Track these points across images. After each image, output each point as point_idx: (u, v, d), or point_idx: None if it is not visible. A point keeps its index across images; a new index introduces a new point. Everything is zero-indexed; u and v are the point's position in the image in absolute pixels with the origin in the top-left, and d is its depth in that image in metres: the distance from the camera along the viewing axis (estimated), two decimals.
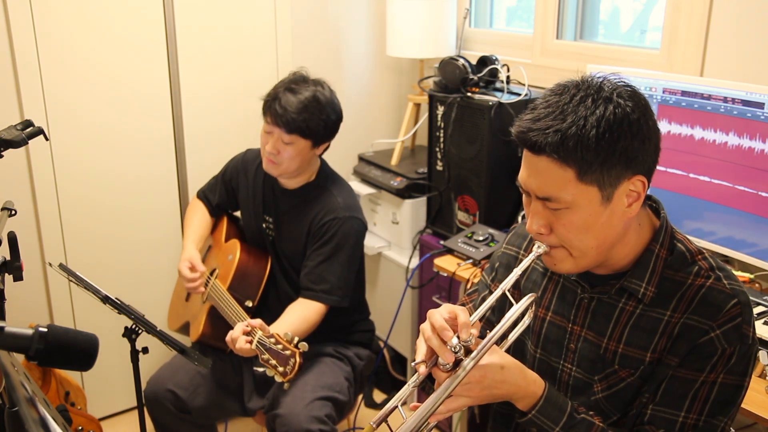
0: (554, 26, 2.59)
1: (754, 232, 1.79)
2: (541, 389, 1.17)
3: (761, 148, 1.75)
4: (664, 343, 1.16)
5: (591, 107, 1.07)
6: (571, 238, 1.14)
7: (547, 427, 1.16)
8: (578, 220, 1.12)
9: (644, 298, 1.19)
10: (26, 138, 1.59)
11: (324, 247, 2.08)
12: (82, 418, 2.25)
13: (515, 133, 1.13)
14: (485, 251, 2.25)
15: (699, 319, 1.14)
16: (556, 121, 1.07)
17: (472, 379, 1.11)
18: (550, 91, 1.13)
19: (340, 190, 2.16)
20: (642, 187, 1.13)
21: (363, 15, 3.04)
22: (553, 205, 1.12)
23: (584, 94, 1.09)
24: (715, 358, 1.12)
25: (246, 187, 2.27)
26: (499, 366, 1.14)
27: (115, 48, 2.48)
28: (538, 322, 1.33)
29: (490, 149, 2.35)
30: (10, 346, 1.02)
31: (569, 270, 1.20)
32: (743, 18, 1.97)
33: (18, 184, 2.44)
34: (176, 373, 2.12)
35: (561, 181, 1.09)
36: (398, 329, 2.78)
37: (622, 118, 1.07)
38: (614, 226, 1.15)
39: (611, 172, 1.09)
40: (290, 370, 1.67)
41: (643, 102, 1.12)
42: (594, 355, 1.24)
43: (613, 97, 1.09)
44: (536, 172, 1.12)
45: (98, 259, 2.63)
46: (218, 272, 2.22)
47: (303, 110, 2.00)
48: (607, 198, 1.11)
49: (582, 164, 1.07)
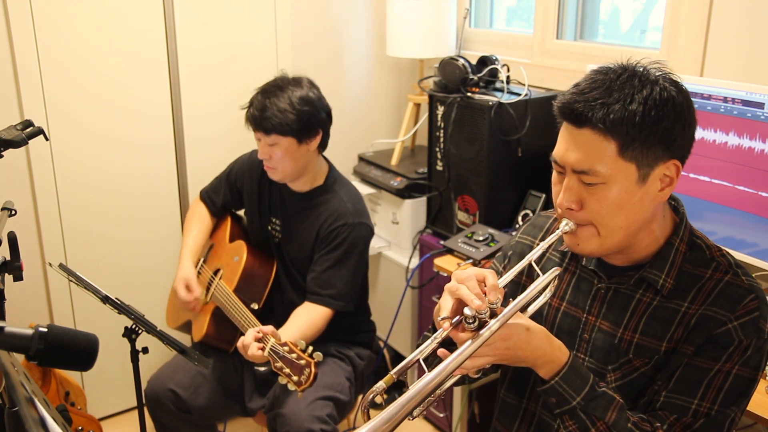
0: (554, 26, 2.59)
1: (754, 232, 1.79)
2: (566, 356, 1.16)
3: (761, 148, 1.75)
4: (680, 333, 1.18)
5: (638, 86, 1.10)
6: (603, 214, 1.15)
7: (569, 396, 1.15)
8: (613, 196, 1.13)
9: (663, 289, 1.20)
10: (26, 138, 1.59)
11: (333, 252, 2.07)
12: (82, 418, 2.24)
13: (558, 106, 1.15)
14: (485, 251, 2.25)
15: (717, 311, 1.15)
16: (603, 95, 1.10)
17: (497, 338, 1.10)
18: (594, 72, 1.16)
19: (350, 195, 2.15)
20: (676, 172, 1.15)
21: (363, 15, 3.05)
22: (589, 179, 1.13)
23: (631, 74, 1.12)
24: (731, 348, 1.14)
25: (251, 188, 2.26)
26: (524, 327, 1.14)
27: (115, 48, 2.48)
28: (552, 311, 1.33)
29: (490, 149, 2.35)
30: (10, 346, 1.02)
31: (592, 251, 1.20)
32: (743, 18, 1.97)
33: (18, 184, 2.44)
34: (177, 372, 2.12)
35: (602, 154, 1.11)
36: (398, 329, 2.78)
37: (668, 99, 1.10)
38: (645, 209, 1.16)
39: (650, 152, 1.11)
40: (305, 380, 1.66)
41: (685, 90, 1.15)
42: (608, 345, 1.25)
43: (659, 80, 1.12)
44: (577, 145, 1.13)
45: (98, 259, 2.63)
46: (223, 273, 2.21)
47: (275, 110, 2.00)
48: (643, 178, 1.13)
49: (625, 138, 1.09)
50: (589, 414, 1.15)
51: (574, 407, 1.15)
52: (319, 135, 2.08)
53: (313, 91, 2.08)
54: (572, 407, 1.15)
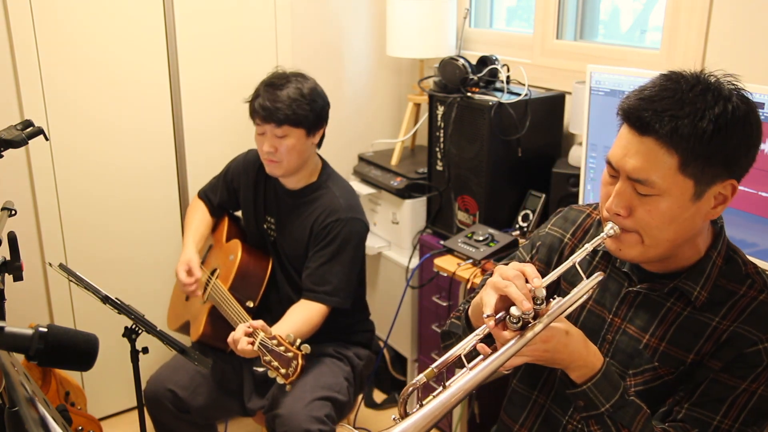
0: (554, 26, 2.59)
1: (754, 232, 1.79)
2: (600, 362, 1.16)
3: (761, 148, 1.74)
4: (709, 347, 1.17)
5: (711, 102, 1.07)
6: (652, 226, 1.13)
7: (598, 402, 1.15)
8: (664, 210, 1.11)
9: (696, 301, 1.19)
10: (26, 138, 1.59)
11: (326, 248, 2.07)
12: (82, 418, 2.25)
13: (624, 108, 1.12)
14: (485, 251, 2.25)
15: (749, 329, 1.14)
16: (675, 107, 1.07)
17: (537, 339, 1.10)
18: (663, 77, 1.12)
19: (343, 191, 2.15)
20: (732, 191, 1.14)
21: (363, 15, 3.04)
22: (644, 189, 1.11)
23: (704, 88, 1.09)
24: (760, 369, 1.13)
25: (247, 188, 2.26)
26: (564, 331, 1.14)
27: (114, 44, 2.48)
28: (577, 309, 1.31)
29: (490, 149, 2.35)
30: (10, 346, 1.02)
31: (634, 257, 1.19)
32: (743, 18, 1.97)
33: (18, 184, 2.44)
34: (176, 372, 2.13)
35: (662, 167, 1.08)
36: (398, 329, 2.78)
37: (738, 120, 1.08)
38: (695, 225, 1.15)
39: (711, 170, 1.09)
40: (292, 372, 1.67)
41: (754, 108, 1.12)
42: (632, 349, 1.24)
43: (733, 98, 1.09)
44: (637, 153, 1.10)
45: (98, 257, 2.63)
46: (219, 272, 2.22)
47: (288, 100, 2.00)
48: (699, 195, 1.11)
49: (689, 155, 1.07)
50: (615, 421, 1.15)
51: (602, 413, 1.15)
52: (323, 129, 2.10)
53: (318, 86, 2.10)
54: (600, 413, 1.15)
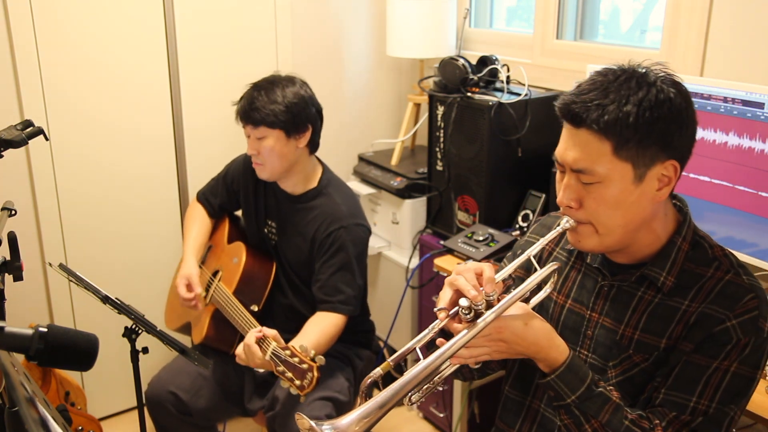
0: (554, 26, 2.59)
1: (754, 232, 1.79)
2: (564, 356, 1.19)
3: (761, 148, 1.75)
4: (679, 331, 1.19)
5: (634, 88, 1.12)
6: (600, 213, 1.18)
7: (564, 393, 1.19)
8: (609, 196, 1.16)
9: (663, 287, 1.22)
10: (26, 138, 1.59)
11: (333, 258, 2.07)
12: (82, 418, 2.25)
13: (558, 106, 1.18)
14: (485, 251, 2.25)
15: (716, 309, 1.16)
16: (599, 96, 1.13)
17: (491, 331, 1.15)
18: (595, 73, 1.19)
19: (344, 197, 2.14)
20: (674, 172, 1.17)
21: (363, 15, 3.04)
22: (587, 178, 1.16)
23: (629, 76, 1.15)
24: (730, 346, 1.15)
25: (247, 191, 2.26)
26: (521, 323, 1.17)
27: (115, 46, 2.48)
28: (558, 309, 1.35)
29: (490, 149, 2.35)
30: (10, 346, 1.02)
31: (593, 248, 1.23)
32: (743, 18, 1.97)
33: (18, 184, 2.44)
34: (178, 375, 2.12)
35: (597, 154, 1.13)
36: (398, 329, 2.78)
37: (663, 101, 1.12)
38: (643, 208, 1.18)
39: (646, 152, 1.13)
40: (308, 384, 1.65)
41: (684, 91, 1.16)
42: (610, 341, 1.27)
43: (657, 82, 1.14)
44: (574, 145, 1.16)
45: (98, 258, 2.63)
46: (222, 274, 2.21)
47: (265, 102, 2.00)
48: (640, 177, 1.15)
49: (619, 139, 1.12)
50: (583, 412, 1.18)
51: (569, 404, 1.19)
52: (309, 131, 2.07)
53: (305, 89, 2.08)
54: (567, 404, 1.19)
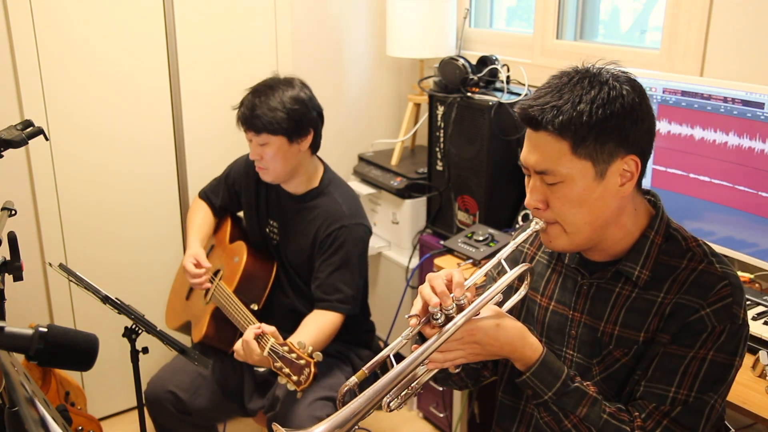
0: (554, 26, 2.59)
1: (754, 232, 1.79)
2: (537, 354, 1.22)
3: (761, 148, 1.75)
4: (656, 323, 1.21)
5: (587, 87, 1.15)
6: (565, 212, 1.20)
7: (540, 390, 1.21)
8: (572, 194, 1.18)
9: (638, 281, 1.23)
10: (26, 138, 1.59)
11: (333, 256, 2.07)
12: (82, 418, 2.25)
13: (518, 112, 1.21)
14: (485, 251, 2.25)
15: (690, 299, 1.18)
16: (554, 99, 1.16)
17: (464, 334, 1.18)
18: (552, 77, 1.22)
19: (345, 197, 2.15)
20: (635, 167, 1.19)
21: (363, 15, 3.05)
22: (550, 179, 1.18)
23: (582, 76, 1.18)
24: (705, 335, 1.16)
25: (249, 191, 2.26)
26: (494, 324, 1.20)
27: (115, 47, 2.48)
28: (542, 311, 1.36)
29: (490, 149, 2.35)
30: (10, 346, 1.02)
31: (564, 247, 1.25)
32: (743, 18, 1.97)
33: (18, 184, 2.44)
34: (177, 374, 2.12)
35: (556, 154, 1.16)
36: (398, 329, 2.78)
37: (615, 98, 1.14)
38: (608, 204, 1.20)
39: (604, 149, 1.15)
40: (305, 380, 1.67)
41: (638, 87, 1.19)
42: (592, 339, 1.28)
43: (609, 80, 1.17)
44: (535, 147, 1.19)
45: (98, 258, 2.63)
46: (223, 273, 2.21)
47: (266, 109, 2.00)
48: (601, 174, 1.17)
49: (575, 138, 1.14)
50: (561, 408, 1.21)
51: (546, 401, 1.21)
52: (310, 135, 2.07)
53: (305, 91, 2.08)
54: (544, 401, 1.21)
